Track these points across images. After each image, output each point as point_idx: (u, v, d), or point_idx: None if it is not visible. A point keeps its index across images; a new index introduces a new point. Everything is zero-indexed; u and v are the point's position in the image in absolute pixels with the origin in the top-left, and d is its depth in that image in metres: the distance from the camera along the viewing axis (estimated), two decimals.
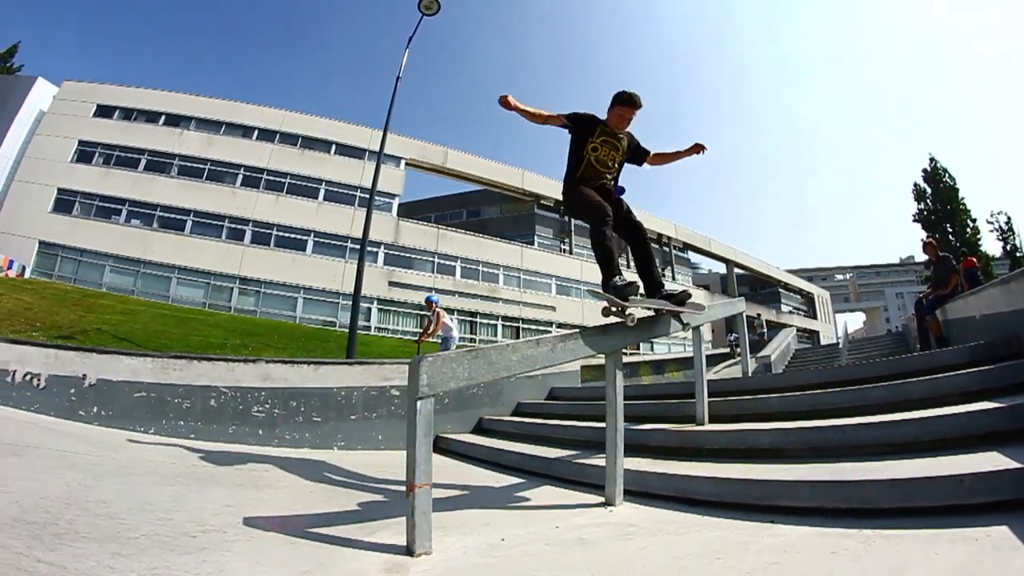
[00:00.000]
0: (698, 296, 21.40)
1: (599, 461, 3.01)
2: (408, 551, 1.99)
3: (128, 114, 31.70)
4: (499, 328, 33.99)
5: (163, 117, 31.38)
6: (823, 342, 54.14)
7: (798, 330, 36.73)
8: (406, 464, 2.08)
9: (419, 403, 2.05)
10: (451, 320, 10.32)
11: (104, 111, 31.66)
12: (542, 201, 38.22)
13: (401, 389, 4.41)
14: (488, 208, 40.78)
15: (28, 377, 4.19)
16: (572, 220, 39.33)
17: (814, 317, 63.95)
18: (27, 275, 27.64)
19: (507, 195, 38.65)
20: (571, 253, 39.13)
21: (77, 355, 4.21)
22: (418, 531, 1.97)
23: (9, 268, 26.50)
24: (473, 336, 33.14)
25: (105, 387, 4.18)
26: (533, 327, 35.10)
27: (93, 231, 29.39)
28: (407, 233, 31.87)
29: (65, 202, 29.80)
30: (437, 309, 10.30)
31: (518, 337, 34.39)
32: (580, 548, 1.91)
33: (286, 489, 2.78)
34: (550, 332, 35.86)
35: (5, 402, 4.11)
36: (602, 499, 2.60)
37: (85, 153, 30.74)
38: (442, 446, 4.48)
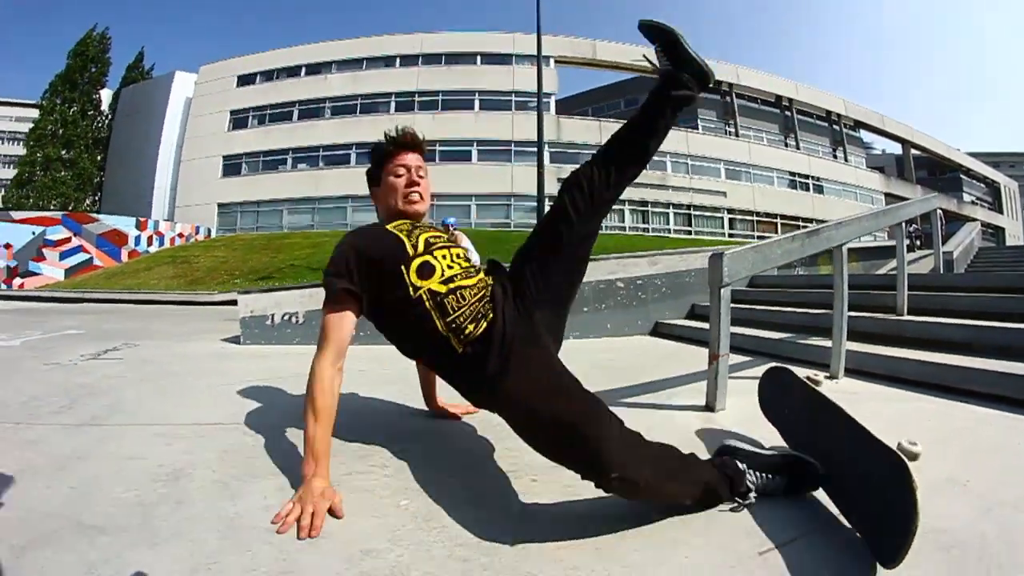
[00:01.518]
0: (872, 180, 32.25)
1: (815, 342, 4.46)
2: (708, 408, 3.13)
3: (269, 76, 41.13)
4: (670, 216, 39.21)
5: (303, 69, 40.29)
6: (1008, 241, 55.87)
7: (981, 225, 35.06)
8: (710, 338, 3.16)
9: (721, 291, 3.03)
10: (469, 243, 11.39)
11: (245, 80, 41.68)
12: None
13: (625, 281, 5.90)
14: (645, 96, 49.58)
15: (287, 317, 6.18)
16: (736, 100, 43.27)
17: (999, 211, 64.30)
18: (213, 235, 36.79)
19: None
20: (737, 136, 43.23)
21: None
22: (718, 392, 3.09)
23: (197, 234, 35.83)
24: (645, 226, 38.22)
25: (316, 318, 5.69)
26: (705, 214, 39.86)
27: (264, 183, 38.89)
28: (568, 129, 38.05)
29: (232, 166, 40.14)
30: (455, 232, 11.90)
31: (690, 225, 38.91)
32: None
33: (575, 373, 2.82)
34: (722, 218, 39.72)
35: (269, 341, 6.09)
36: (826, 374, 3.85)
37: (239, 120, 40.94)
38: (661, 331, 6.06)
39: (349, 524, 1.89)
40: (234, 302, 15.57)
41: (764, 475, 2.04)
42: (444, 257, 2.37)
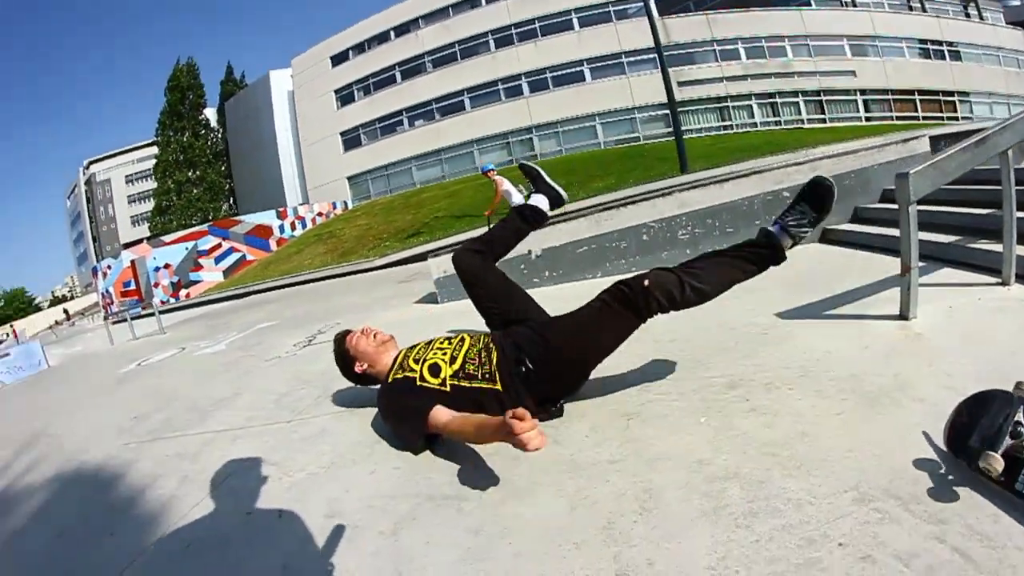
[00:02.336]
0: (1015, 39, 28.96)
1: (983, 246, 4.12)
2: (902, 316, 3.15)
3: (360, 48, 41.87)
4: (800, 105, 36.49)
5: (392, 32, 40.55)
6: None
7: None
8: (900, 251, 3.18)
9: (909, 208, 3.08)
10: (510, 184, 11.97)
11: (338, 59, 42.70)
12: None
13: (791, 190, 5.64)
14: None
15: None
16: None
17: None
18: (350, 207, 38.44)
19: None
20: (854, 4, 39.11)
21: None
22: (911, 301, 3.12)
23: (335, 209, 37.46)
24: (776, 119, 35.94)
25: (551, 254, 6.13)
26: (837, 98, 36.68)
27: (386, 147, 40.22)
28: (676, 30, 35.62)
29: (351, 139, 41.56)
30: (494, 177, 12.18)
31: (823, 112, 35.82)
32: (1003, 313, 2.98)
33: (766, 289, 3.76)
34: (855, 101, 36.35)
35: (466, 297, 5.34)
36: (996, 279, 3.61)
37: (345, 96, 42.06)
38: (830, 238, 5.79)
39: (666, 442, 2.13)
40: (398, 263, 16.18)
41: (794, 217, 2.68)
42: (434, 352, 2.81)
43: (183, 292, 30.30)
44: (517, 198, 11.57)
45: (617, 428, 2.31)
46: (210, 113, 59.51)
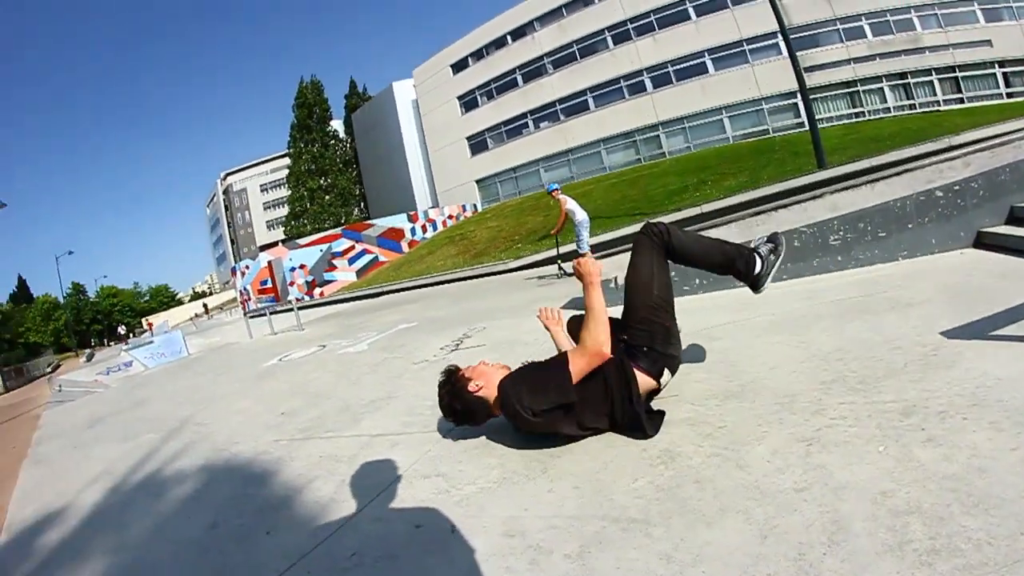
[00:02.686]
0: None
1: None
2: None
3: (479, 55, 42.89)
4: (935, 84, 33.35)
5: (508, 37, 41.17)
6: None
7: None
8: None
9: None
10: (573, 203, 11.87)
11: (459, 66, 44.01)
12: None
13: (944, 189, 5.29)
14: None
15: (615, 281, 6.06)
16: None
17: None
18: (480, 209, 39.30)
19: None
20: None
21: None
22: None
23: (465, 211, 38.30)
24: (911, 101, 33.03)
25: None
26: (974, 73, 33.11)
27: (513, 150, 40.98)
28: (795, 10, 32.44)
29: (477, 144, 42.74)
30: (559, 197, 11.96)
31: (959, 90, 32.67)
32: None
33: (927, 303, 3.69)
34: (994, 75, 32.67)
35: (618, 303, 5.06)
36: None
37: (468, 103, 43.28)
38: (986, 242, 5.24)
39: (849, 471, 2.06)
40: (532, 265, 16.18)
41: (766, 248, 3.34)
42: None
43: (317, 291, 31.88)
44: (581, 215, 11.95)
45: (798, 454, 2.24)
46: (337, 124, 63.49)
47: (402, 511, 2.50)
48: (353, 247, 33.49)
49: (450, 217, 38.27)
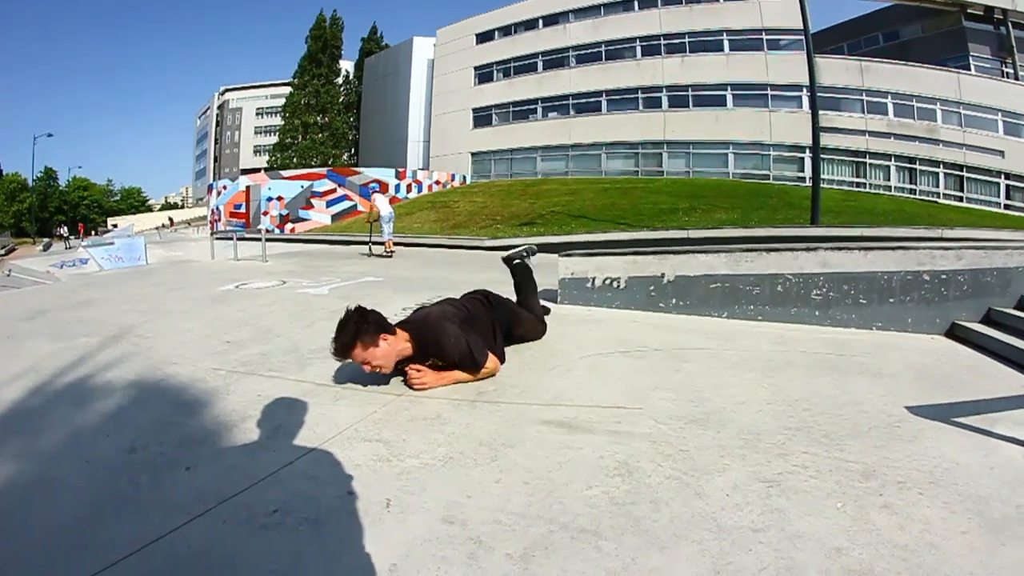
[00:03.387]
0: None
1: None
2: None
3: (506, 31, 42.46)
4: (940, 177, 33.56)
5: (541, 21, 40.80)
6: None
7: None
8: None
9: None
10: (383, 201, 14.71)
11: (484, 37, 43.53)
12: (969, 11, 35.27)
13: (932, 274, 5.47)
14: (905, 28, 39.64)
15: (608, 281, 6.23)
16: (1013, 32, 34.92)
17: None
18: (468, 182, 39.25)
19: (924, 8, 36.66)
20: (1017, 78, 34.52)
21: (655, 258, 6.08)
22: None
23: (453, 181, 38.19)
24: (912, 186, 33.19)
25: (683, 282, 5.97)
26: (978, 177, 33.46)
27: (515, 132, 40.50)
28: (826, 71, 32.63)
29: (482, 117, 42.25)
30: (373, 197, 14.84)
31: (961, 189, 32.93)
32: None
33: (896, 376, 3.78)
34: (998, 184, 32.99)
35: (587, 303, 6.29)
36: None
37: (484, 75, 42.82)
38: (958, 334, 5.41)
39: (806, 521, 2.06)
40: (507, 248, 15.84)
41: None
42: None
43: (288, 226, 31.41)
44: (386, 211, 15.11)
45: (758, 493, 2.22)
46: (347, 66, 62.77)
47: (336, 473, 2.36)
48: (334, 190, 33.17)
49: (437, 183, 38.14)
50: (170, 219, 68.58)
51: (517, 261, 5.08)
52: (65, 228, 55.61)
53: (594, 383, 3.50)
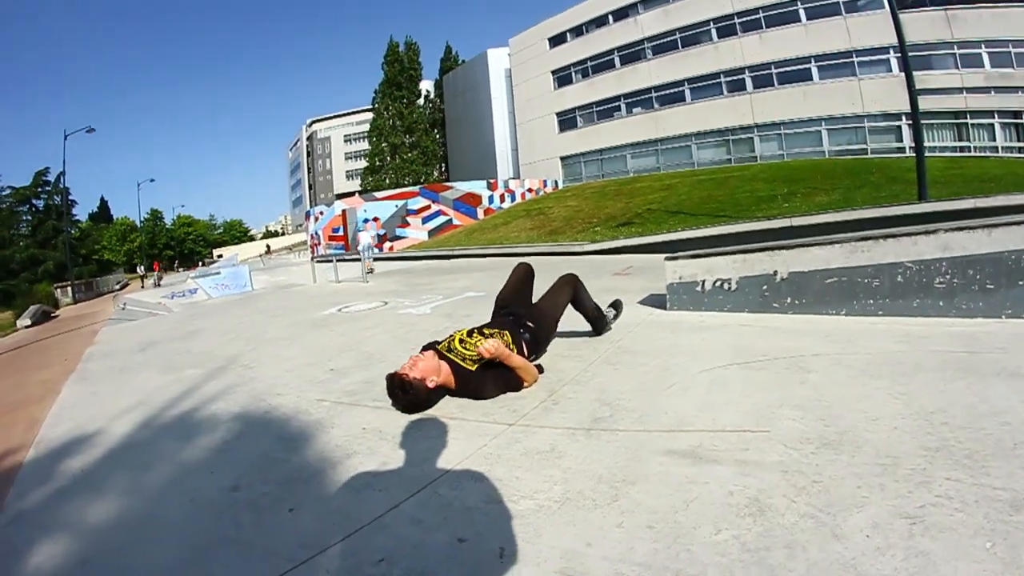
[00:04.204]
0: None
1: None
2: None
3: (578, 31, 42.11)
4: (996, 129, 31.24)
5: (611, 16, 40.28)
6: None
7: None
8: None
9: None
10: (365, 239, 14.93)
11: (556, 40, 43.31)
12: None
13: None
14: None
15: (718, 283, 5.87)
16: None
17: None
18: (560, 187, 39.27)
19: None
20: None
21: (765, 255, 5.64)
22: None
23: (545, 187, 38.23)
24: (1022, 144, 30.13)
25: (797, 279, 5.53)
26: None
27: (602, 131, 40.20)
28: (911, 27, 28.00)
29: (567, 121, 42.15)
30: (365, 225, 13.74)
31: (1020, 139, 30.06)
32: None
33: None
34: None
35: (698, 308, 5.93)
36: None
37: (562, 78, 42.62)
38: None
39: (953, 567, 1.77)
40: (607, 251, 16.13)
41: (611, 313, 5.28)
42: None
43: (387, 245, 31.91)
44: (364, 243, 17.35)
45: (900, 533, 1.91)
46: (427, 86, 63.64)
47: (445, 516, 2.19)
48: (429, 207, 33.61)
49: (529, 190, 38.14)
50: (267, 247, 72.31)
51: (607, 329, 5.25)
52: (142, 267, 58.54)
53: (716, 402, 3.19)
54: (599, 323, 5.05)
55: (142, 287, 31.05)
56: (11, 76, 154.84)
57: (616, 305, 5.37)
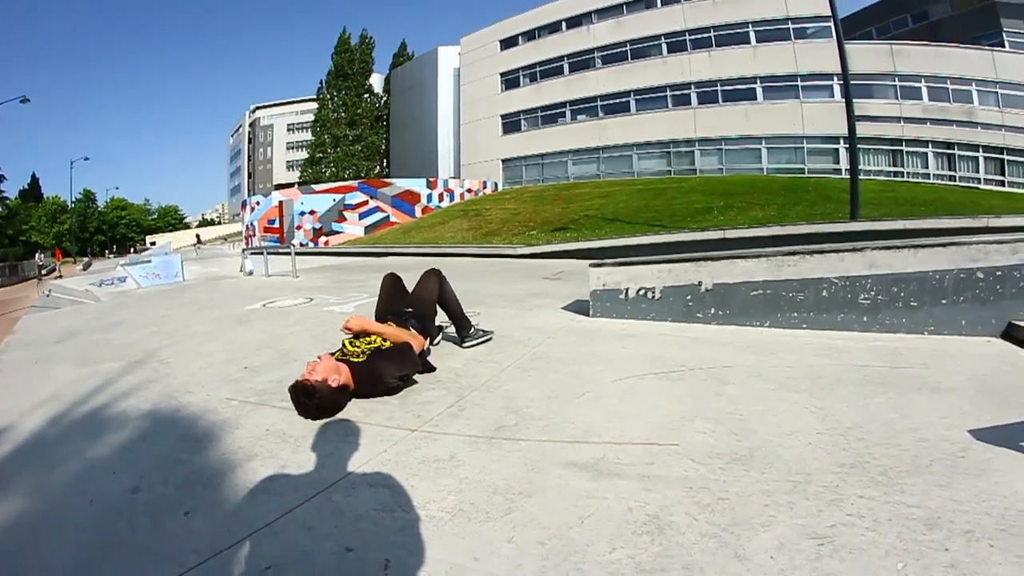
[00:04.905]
0: None
1: None
2: None
3: (530, 35, 42.31)
4: (980, 161, 32.54)
5: (564, 24, 40.64)
6: None
7: None
8: None
9: None
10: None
11: (508, 43, 43.48)
12: None
13: (986, 271, 5.12)
14: (934, 7, 39.07)
15: (642, 291, 5.92)
16: None
17: None
18: (500, 189, 39.12)
19: None
20: None
21: (691, 265, 5.72)
22: None
23: (485, 188, 38.04)
24: (952, 172, 32.17)
25: (722, 290, 5.61)
26: (1020, 159, 32.43)
27: (545, 136, 40.39)
28: (856, 57, 28.87)
29: (510, 123, 42.23)
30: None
31: (1003, 173, 32.00)
32: None
33: (955, 391, 3.40)
34: None
35: (621, 316, 5.94)
36: None
37: (510, 81, 42.75)
38: (1016, 336, 5.02)
39: None
40: (542, 255, 16.31)
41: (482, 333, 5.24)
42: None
43: (322, 239, 31.69)
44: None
45: (807, 554, 1.92)
46: (376, 80, 63.64)
47: (336, 524, 2.17)
48: (367, 202, 33.23)
49: (468, 191, 37.95)
50: (197, 237, 70.50)
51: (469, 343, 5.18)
52: (41, 255, 55.29)
53: (627, 412, 3.19)
54: (463, 324, 5.12)
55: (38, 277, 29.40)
56: None
57: (488, 335, 5.28)
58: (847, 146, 27.13)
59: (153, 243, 70.65)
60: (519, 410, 3.27)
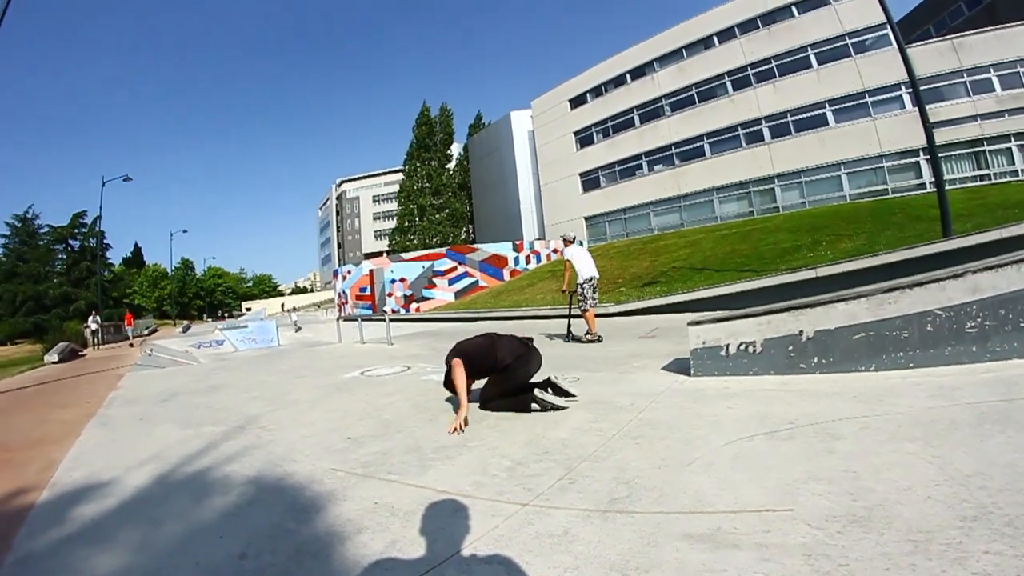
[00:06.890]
0: None
1: None
2: None
3: (597, 91, 42.52)
4: (1014, 152, 30.06)
5: (628, 76, 40.68)
6: None
7: None
8: None
9: None
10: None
11: (576, 101, 43.80)
12: None
13: None
14: None
15: (743, 346, 5.66)
16: None
17: None
18: (585, 247, 40.69)
19: None
20: None
21: (790, 315, 5.44)
22: None
23: None
24: (984, 172, 29.77)
25: (823, 337, 5.29)
26: None
27: (625, 190, 40.09)
28: (918, 60, 27.69)
29: (589, 180, 42.25)
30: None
31: None
32: None
33: None
34: None
35: (723, 373, 5.69)
36: None
37: (584, 138, 42.95)
38: None
39: None
40: (634, 312, 15.76)
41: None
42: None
43: (413, 306, 32.08)
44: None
45: None
46: (455, 148, 64.96)
47: None
48: (455, 268, 33.59)
49: (555, 251, 37.85)
50: (282, 305, 73.46)
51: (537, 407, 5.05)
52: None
53: (738, 478, 3.01)
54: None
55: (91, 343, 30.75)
56: (57, 120, 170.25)
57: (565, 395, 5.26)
58: (927, 157, 25.67)
59: (248, 309, 74.09)
60: (630, 481, 3.11)
